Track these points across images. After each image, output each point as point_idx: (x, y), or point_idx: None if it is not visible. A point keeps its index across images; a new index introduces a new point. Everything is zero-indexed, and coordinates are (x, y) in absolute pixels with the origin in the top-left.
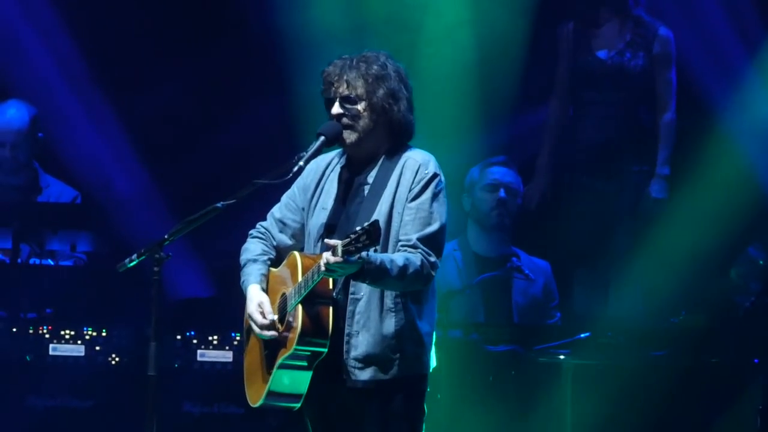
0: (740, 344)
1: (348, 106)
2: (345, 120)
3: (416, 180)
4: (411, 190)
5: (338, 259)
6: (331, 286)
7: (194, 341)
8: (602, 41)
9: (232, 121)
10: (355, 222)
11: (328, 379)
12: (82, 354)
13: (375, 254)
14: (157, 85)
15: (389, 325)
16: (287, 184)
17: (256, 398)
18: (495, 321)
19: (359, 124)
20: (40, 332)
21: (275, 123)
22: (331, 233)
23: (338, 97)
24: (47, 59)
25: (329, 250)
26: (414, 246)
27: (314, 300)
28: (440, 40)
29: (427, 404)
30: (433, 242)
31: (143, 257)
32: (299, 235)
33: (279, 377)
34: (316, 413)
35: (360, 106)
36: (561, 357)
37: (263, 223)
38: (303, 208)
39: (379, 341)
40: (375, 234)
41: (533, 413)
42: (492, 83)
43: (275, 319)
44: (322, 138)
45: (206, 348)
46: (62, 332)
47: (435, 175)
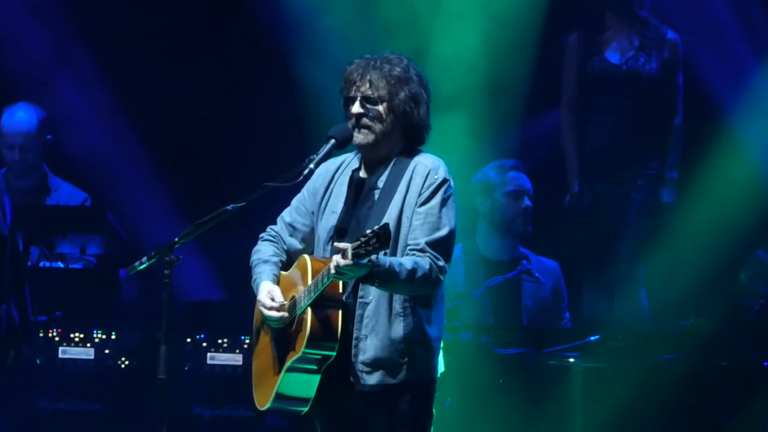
0: (750, 347)
1: (369, 106)
2: (364, 120)
3: (426, 185)
4: (421, 195)
5: (348, 262)
6: (341, 290)
7: (204, 344)
8: (612, 45)
9: (243, 123)
10: (365, 226)
11: (336, 383)
12: (92, 357)
13: (384, 257)
14: (167, 87)
15: (398, 330)
16: (297, 187)
17: (264, 401)
18: (505, 324)
19: (377, 126)
20: (50, 335)
21: (286, 124)
22: (341, 236)
23: (359, 97)
24: (55, 61)
25: (339, 253)
26: (422, 250)
27: (324, 303)
28: (450, 45)
29: (435, 408)
30: (442, 247)
31: (153, 260)
32: (309, 239)
33: (287, 380)
34: (326, 416)
35: (381, 107)
36: (571, 360)
37: (274, 227)
38: (313, 212)
39: (388, 345)
40: (385, 237)
41: (543, 416)
42: (502, 86)
43: (285, 304)
44: (333, 141)
45: (216, 351)
46: (72, 335)
47: (445, 180)
